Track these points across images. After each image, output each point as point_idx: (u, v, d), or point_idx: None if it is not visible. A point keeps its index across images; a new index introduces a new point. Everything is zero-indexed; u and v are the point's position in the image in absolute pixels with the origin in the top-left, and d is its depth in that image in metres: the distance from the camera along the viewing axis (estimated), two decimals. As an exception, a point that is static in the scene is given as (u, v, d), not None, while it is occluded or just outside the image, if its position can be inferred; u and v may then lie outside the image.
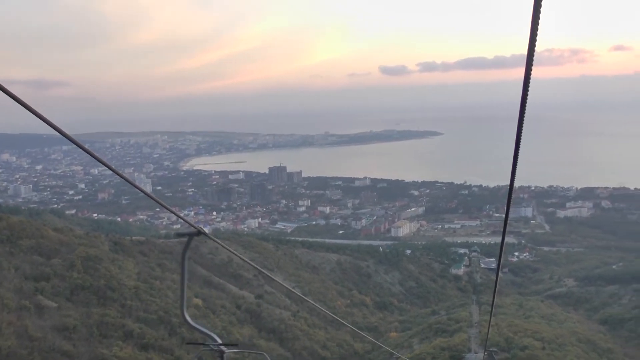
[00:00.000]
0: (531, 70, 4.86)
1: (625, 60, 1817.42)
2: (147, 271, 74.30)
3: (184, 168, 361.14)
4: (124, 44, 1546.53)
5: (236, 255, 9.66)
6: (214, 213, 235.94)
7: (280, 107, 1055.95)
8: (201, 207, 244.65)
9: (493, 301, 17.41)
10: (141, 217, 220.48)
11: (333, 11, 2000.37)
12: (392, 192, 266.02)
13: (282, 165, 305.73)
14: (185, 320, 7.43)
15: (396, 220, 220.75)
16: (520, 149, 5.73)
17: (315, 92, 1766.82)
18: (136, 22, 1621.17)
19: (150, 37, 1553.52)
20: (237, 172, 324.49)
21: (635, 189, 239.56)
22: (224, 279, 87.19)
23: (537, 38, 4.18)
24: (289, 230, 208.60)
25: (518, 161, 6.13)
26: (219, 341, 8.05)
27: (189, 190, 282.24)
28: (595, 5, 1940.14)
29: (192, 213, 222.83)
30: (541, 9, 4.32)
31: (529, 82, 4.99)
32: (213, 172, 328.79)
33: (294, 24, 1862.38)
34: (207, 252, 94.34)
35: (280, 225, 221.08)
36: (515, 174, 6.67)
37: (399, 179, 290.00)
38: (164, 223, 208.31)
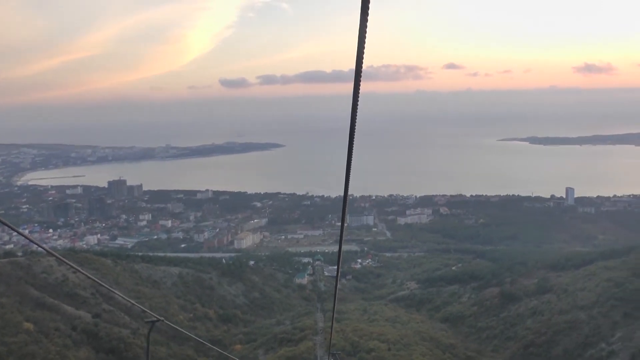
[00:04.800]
0: (359, 84, 4.97)
1: (457, 77, 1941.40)
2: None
3: (18, 183, 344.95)
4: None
5: (80, 272, 9.14)
6: (50, 230, 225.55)
7: (120, 119, 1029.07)
8: (36, 224, 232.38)
9: (334, 307, 17.90)
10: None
11: (171, 23, 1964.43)
12: (234, 204, 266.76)
13: (122, 178, 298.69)
14: None
15: (239, 232, 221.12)
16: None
17: (156, 104, 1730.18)
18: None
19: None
20: (75, 186, 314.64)
21: (471, 195, 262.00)
22: (59, 299, 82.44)
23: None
24: (129, 246, 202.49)
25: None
26: None
27: (23, 206, 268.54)
28: (429, 25, 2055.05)
29: (27, 231, 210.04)
30: (368, 26, 4.41)
31: (357, 96, 5.09)
32: (49, 187, 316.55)
33: (132, 34, 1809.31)
34: (40, 272, 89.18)
35: (120, 240, 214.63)
36: (348, 183, 6.84)
37: (242, 191, 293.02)
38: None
